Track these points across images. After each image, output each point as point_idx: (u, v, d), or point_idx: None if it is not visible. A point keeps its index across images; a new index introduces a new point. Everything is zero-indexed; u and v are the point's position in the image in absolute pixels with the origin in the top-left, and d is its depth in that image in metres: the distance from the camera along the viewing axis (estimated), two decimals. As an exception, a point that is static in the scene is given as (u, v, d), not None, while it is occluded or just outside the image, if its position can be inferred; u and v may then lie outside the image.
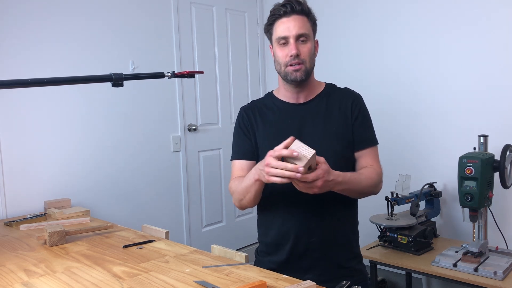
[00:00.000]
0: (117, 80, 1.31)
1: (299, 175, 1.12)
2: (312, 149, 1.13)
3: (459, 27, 2.43)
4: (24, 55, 2.14)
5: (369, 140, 1.48)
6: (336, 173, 1.25)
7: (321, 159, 1.19)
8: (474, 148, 2.04)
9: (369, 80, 2.81)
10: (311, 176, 1.16)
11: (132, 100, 2.58)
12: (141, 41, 2.62)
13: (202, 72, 1.52)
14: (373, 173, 1.41)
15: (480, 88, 2.37)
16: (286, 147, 1.17)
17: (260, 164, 1.27)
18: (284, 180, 1.16)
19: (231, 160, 1.55)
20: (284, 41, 1.40)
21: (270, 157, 1.18)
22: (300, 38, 1.39)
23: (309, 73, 1.43)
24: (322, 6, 2.97)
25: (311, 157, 1.13)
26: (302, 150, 1.14)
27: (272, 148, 1.41)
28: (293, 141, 1.17)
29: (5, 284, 1.19)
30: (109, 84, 1.33)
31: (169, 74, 1.40)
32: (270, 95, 1.58)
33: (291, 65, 1.40)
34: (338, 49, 2.97)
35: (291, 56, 1.38)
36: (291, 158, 1.14)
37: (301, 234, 1.43)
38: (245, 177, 1.39)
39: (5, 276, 1.25)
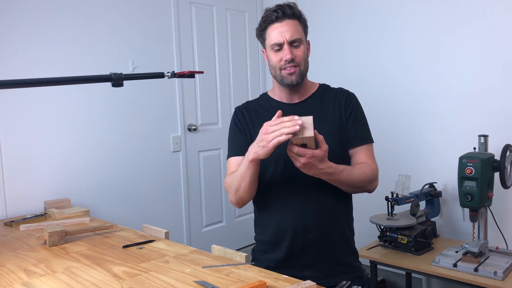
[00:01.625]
0: (117, 80, 1.31)
1: (297, 127, 1.15)
2: (312, 132, 1.16)
3: (459, 27, 2.43)
4: (24, 55, 2.14)
5: (363, 137, 1.49)
6: (329, 164, 1.27)
7: (325, 146, 1.23)
8: (474, 148, 2.04)
9: (369, 81, 2.81)
10: (299, 149, 1.20)
11: (132, 100, 2.58)
12: (141, 41, 2.62)
13: (202, 72, 1.53)
14: (367, 169, 1.42)
15: (480, 88, 2.37)
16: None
17: (254, 142, 1.29)
18: (281, 138, 1.17)
19: (227, 159, 1.55)
20: (278, 47, 1.42)
21: (265, 125, 1.22)
22: (294, 43, 1.42)
23: (303, 75, 1.46)
24: (321, 6, 2.98)
25: (306, 137, 1.15)
26: (305, 128, 1.17)
27: None
28: (281, 114, 1.23)
29: (5, 284, 1.19)
30: (109, 84, 1.33)
31: (169, 74, 1.40)
32: (264, 95, 1.60)
33: (285, 68, 1.42)
34: (338, 50, 2.96)
35: (286, 60, 1.41)
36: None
37: (299, 231, 1.43)
38: (239, 165, 1.40)
39: (5, 276, 1.25)
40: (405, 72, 2.67)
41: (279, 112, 1.24)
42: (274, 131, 1.19)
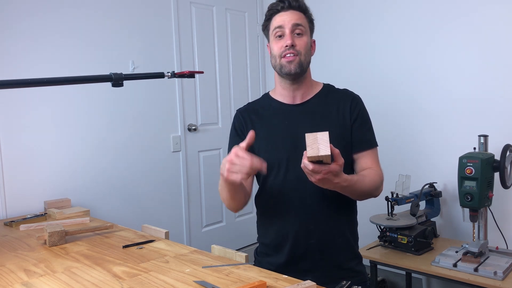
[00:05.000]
0: (117, 80, 1.31)
1: (260, 170, 1.13)
2: (328, 149, 1.10)
3: (459, 27, 2.43)
4: (24, 55, 2.14)
5: (368, 141, 1.47)
6: (344, 178, 1.23)
7: (340, 160, 1.18)
8: (474, 148, 2.04)
9: (368, 81, 2.81)
10: (314, 166, 1.15)
11: (132, 100, 2.58)
12: (141, 41, 2.62)
13: (202, 72, 1.52)
14: (376, 176, 1.41)
15: (480, 88, 2.37)
16: (248, 145, 1.19)
17: (224, 160, 1.25)
18: (242, 176, 1.15)
19: None
20: (280, 32, 1.40)
21: (233, 153, 1.16)
22: (296, 30, 1.39)
23: (303, 66, 1.41)
24: (317, 5, 2.98)
25: (322, 155, 1.11)
26: (320, 145, 1.11)
27: (268, 150, 1.39)
28: (253, 135, 1.20)
29: (5, 284, 1.19)
30: (109, 84, 1.33)
31: (169, 74, 1.40)
32: (266, 96, 1.57)
33: (285, 56, 1.39)
34: (337, 50, 2.97)
35: (286, 46, 1.38)
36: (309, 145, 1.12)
37: (300, 236, 1.42)
38: None
39: (5, 276, 1.25)
40: (404, 72, 2.67)
41: (251, 132, 1.21)
42: (234, 164, 1.15)
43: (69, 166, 2.31)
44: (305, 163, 1.15)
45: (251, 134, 1.21)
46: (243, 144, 1.19)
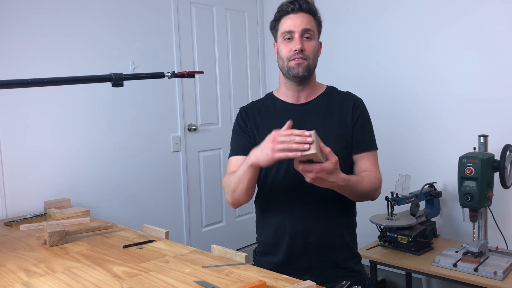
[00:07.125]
0: (117, 80, 1.31)
1: (307, 146, 1.10)
2: (315, 147, 1.11)
3: (459, 27, 2.43)
4: (24, 55, 2.14)
5: (368, 144, 1.47)
6: (341, 177, 1.23)
7: (334, 158, 1.18)
8: (474, 148, 2.04)
9: (368, 80, 2.81)
10: (304, 166, 1.16)
11: (132, 100, 2.58)
12: (141, 41, 2.62)
13: (202, 72, 1.52)
14: (374, 178, 1.41)
15: (480, 88, 2.37)
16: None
17: (257, 148, 1.25)
18: (290, 155, 1.13)
19: (228, 157, 1.54)
20: (289, 36, 1.41)
21: (273, 133, 1.17)
22: (305, 34, 1.41)
23: (311, 70, 1.44)
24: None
25: (309, 153, 1.11)
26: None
27: None
28: (291, 125, 1.19)
29: (5, 284, 1.19)
30: (109, 84, 1.33)
31: (169, 74, 1.40)
32: (270, 95, 1.58)
33: (294, 59, 1.40)
34: (336, 50, 2.96)
35: (295, 50, 1.39)
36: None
37: (298, 234, 1.42)
38: (239, 167, 1.36)
39: (5, 276, 1.25)
40: (405, 73, 2.67)
41: (289, 122, 1.20)
42: (282, 142, 1.14)
43: (69, 166, 2.31)
44: (295, 163, 1.17)
45: (290, 123, 1.19)
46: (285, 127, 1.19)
